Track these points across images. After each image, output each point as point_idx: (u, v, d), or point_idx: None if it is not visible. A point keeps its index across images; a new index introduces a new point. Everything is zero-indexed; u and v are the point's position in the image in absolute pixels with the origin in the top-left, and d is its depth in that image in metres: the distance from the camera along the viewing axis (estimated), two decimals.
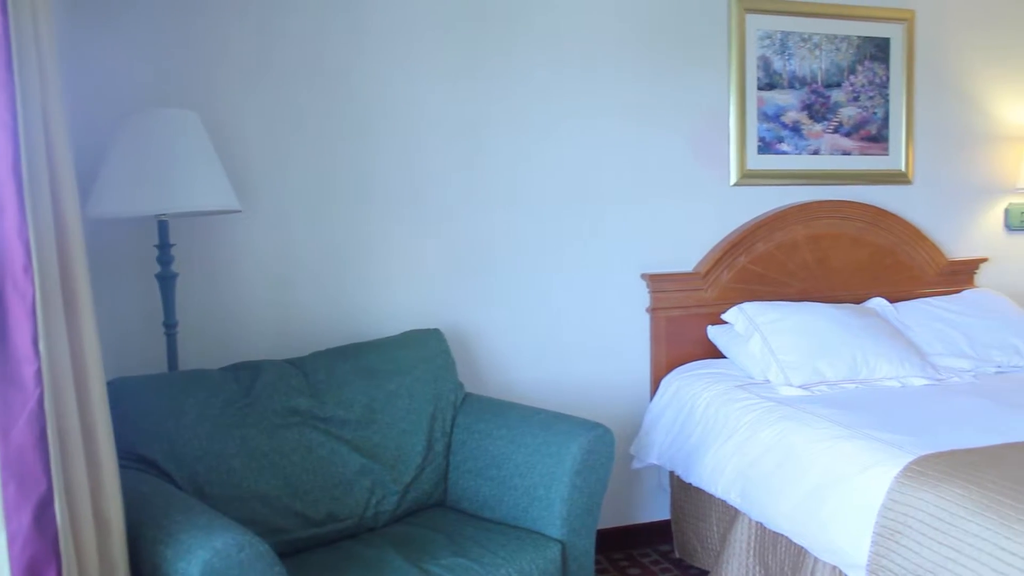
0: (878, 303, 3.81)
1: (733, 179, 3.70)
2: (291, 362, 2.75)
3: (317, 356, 2.81)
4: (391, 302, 3.22)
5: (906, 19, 3.98)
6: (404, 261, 3.24)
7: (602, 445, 2.58)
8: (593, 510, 2.60)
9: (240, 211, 2.77)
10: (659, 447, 3.36)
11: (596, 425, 2.61)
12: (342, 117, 3.12)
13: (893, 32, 3.97)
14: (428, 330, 3.02)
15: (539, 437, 2.64)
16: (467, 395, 2.96)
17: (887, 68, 3.98)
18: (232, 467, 2.42)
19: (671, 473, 3.43)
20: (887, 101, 3.99)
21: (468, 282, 3.33)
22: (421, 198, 3.25)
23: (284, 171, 3.07)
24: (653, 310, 3.57)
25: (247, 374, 2.61)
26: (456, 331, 3.28)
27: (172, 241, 2.70)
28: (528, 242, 3.41)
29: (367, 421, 2.71)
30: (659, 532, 3.65)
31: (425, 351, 2.93)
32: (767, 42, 3.73)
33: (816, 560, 2.63)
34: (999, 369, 3.56)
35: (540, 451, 2.61)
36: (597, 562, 3.40)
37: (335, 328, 3.12)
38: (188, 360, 2.84)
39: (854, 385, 3.26)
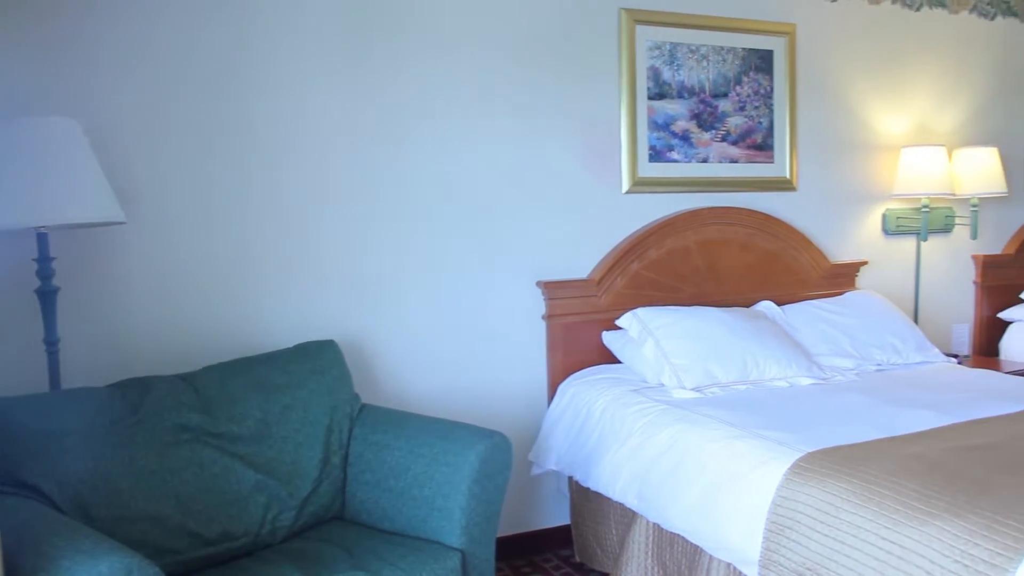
0: (766, 306, 3.93)
1: (625, 187, 3.77)
2: (182, 377, 2.67)
3: (209, 371, 2.74)
4: (285, 314, 3.16)
5: (788, 33, 4.13)
6: (297, 271, 3.19)
7: (499, 453, 2.59)
8: (492, 518, 2.61)
9: (124, 223, 2.68)
10: (557, 453, 3.39)
11: (493, 433, 2.62)
12: (229, 125, 3.06)
13: (776, 45, 4.10)
14: (323, 341, 2.98)
15: (437, 447, 2.63)
16: (364, 406, 2.93)
17: (771, 79, 4.11)
18: (120, 488, 2.34)
19: (570, 478, 3.46)
20: (772, 111, 4.12)
21: (364, 292, 3.30)
22: (313, 206, 3.20)
23: (170, 180, 2.98)
24: (549, 317, 3.60)
25: (135, 391, 2.53)
26: (352, 342, 3.25)
27: (53, 254, 2.60)
28: (424, 250, 3.40)
29: (261, 436, 2.66)
30: (560, 537, 3.67)
31: (320, 363, 2.89)
32: (656, 53, 3.81)
33: (712, 558, 2.69)
34: (879, 367, 3.71)
35: (438, 461, 2.60)
36: (499, 570, 3.41)
37: (227, 341, 3.05)
38: (72, 378, 2.73)
39: (745, 386, 3.35)
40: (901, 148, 4.45)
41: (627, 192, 3.77)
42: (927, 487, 2.19)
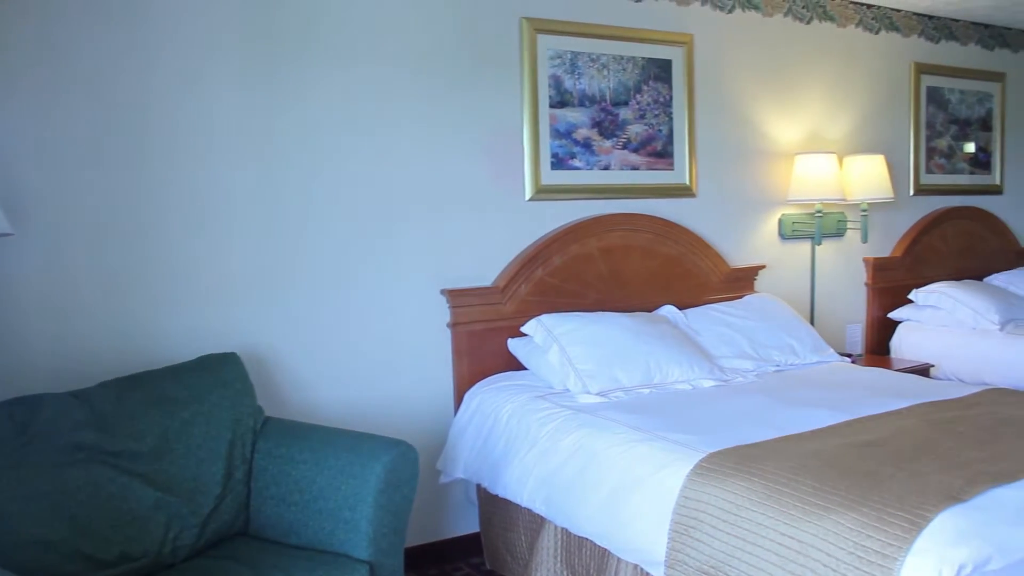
0: (669, 310, 4.00)
1: (528, 194, 3.79)
2: (75, 394, 2.58)
3: (105, 387, 2.65)
4: (185, 326, 3.08)
5: (685, 43, 4.22)
6: (198, 282, 3.11)
7: (406, 463, 2.58)
8: (400, 529, 2.59)
9: (12, 234, 2.57)
10: (465, 461, 3.38)
11: (399, 443, 2.61)
12: (125, 134, 2.96)
13: (674, 54, 4.19)
14: (224, 354, 2.92)
15: (342, 458, 2.60)
16: (268, 419, 2.88)
17: (670, 88, 4.19)
18: (7, 512, 2.24)
19: (478, 486, 3.46)
20: (671, 119, 4.20)
21: (267, 303, 3.24)
22: (212, 217, 3.13)
23: (61, 190, 2.87)
24: (454, 325, 3.59)
25: (23, 410, 2.43)
26: (254, 353, 3.19)
27: None
28: (327, 260, 3.36)
29: (161, 452, 2.58)
30: (469, 545, 3.67)
31: (221, 376, 2.83)
32: (558, 62, 3.85)
33: (619, 560, 2.73)
34: (778, 367, 3.81)
35: (344, 472, 2.58)
36: None
37: (124, 356, 2.96)
38: None
39: (648, 390, 3.40)
40: (795, 155, 4.59)
41: (530, 199, 3.80)
42: (823, 483, 2.26)
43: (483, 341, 3.64)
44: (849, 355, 4.60)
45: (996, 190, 5.79)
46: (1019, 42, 5.81)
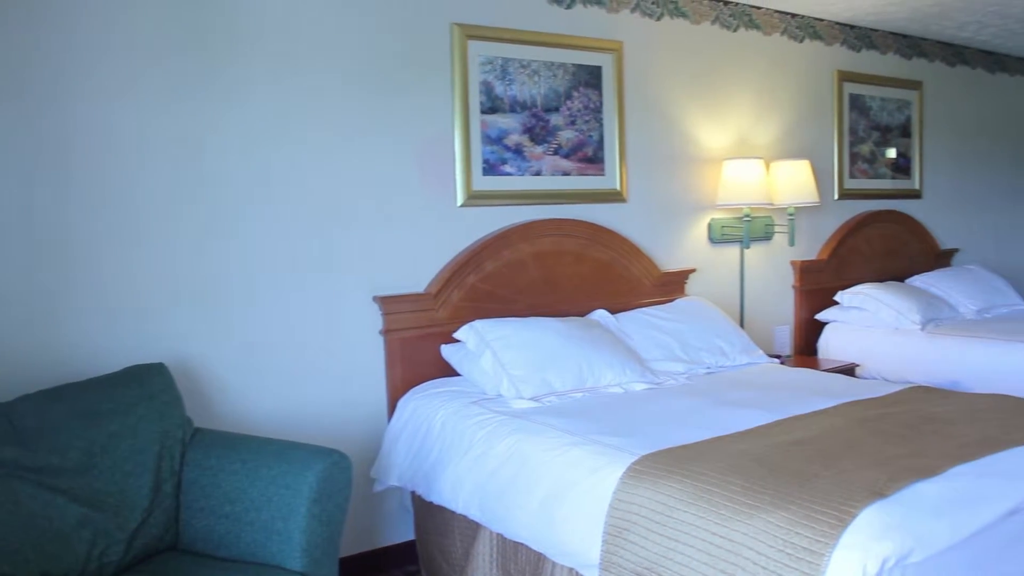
0: (601, 315, 4.03)
1: (460, 200, 3.79)
2: None
3: (25, 400, 2.57)
4: (109, 336, 3.01)
5: (615, 49, 4.26)
6: (124, 292, 3.03)
7: (339, 471, 2.56)
8: (334, 538, 2.57)
9: None
10: (399, 468, 3.36)
11: (332, 451, 2.58)
12: (44, 138, 2.88)
13: (604, 61, 4.23)
14: (151, 364, 2.86)
15: (274, 468, 2.57)
16: (197, 430, 2.82)
17: (600, 94, 4.23)
18: None
19: (413, 493, 3.44)
20: (601, 125, 4.24)
21: (195, 311, 3.18)
22: (140, 226, 3.06)
23: None
24: (387, 332, 3.57)
25: None
26: (183, 364, 3.13)
27: None
28: (258, 267, 3.31)
29: (86, 467, 2.51)
30: (405, 553, 3.65)
31: (149, 387, 2.76)
32: (488, 68, 3.86)
33: (555, 564, 2.73)
34: (709, 370, 3.87)
35: (276, 483, 2.54)
36: None
37: (46, 368, 2.87)
38: None
39: (581, 394, 3.42)
40: (723, 161, 4.66)
41: (462, 205, 3.79)
42: (752, 482, 2.30)
43: (416, 348, 3.63)
44: (778, 356, 4.69)
45: (916, 194, 5.96)
46: (935, 52, 5.99)
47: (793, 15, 5.06)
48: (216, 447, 2.73)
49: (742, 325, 4.74)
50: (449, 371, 3.66)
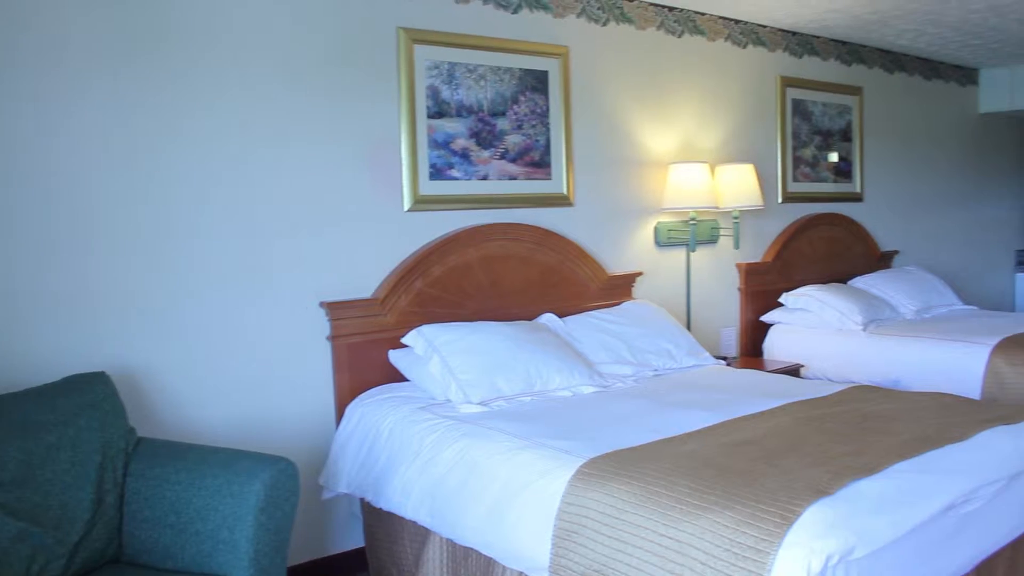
0: (548, 318, 4.04)
1: (407, 205, 3.77)
2: None
3: None
4: (48, 345, 2.94)
5: (561, 54, 4.28)
6: (64, 300, 2.96)
7: (286, 479, 2.53)
8: (282, 547, 2.54)
9: None
10: (348, 475, 3.33)
11: (279, 459, 2.55)
12: None
13: (550, 66, 4.24)
14: (92, 373, 2.80)
15: (220, 477, 2.53)
16: (141, 440, 2.77)
17: (547, 99, 4.24)
18: None
19: (362, 500, 3.42)
20: (548, 129, 4.25)
21: (138, 319, 3.12)
22: (83, 232, 3.00)
23: None
24: (334, 338, 3.54)
25: None
26: (126, 372, 3.06)
27: None
28: (203, 274, 3.26)
29: (24, 480, 2.45)
30: (355, 561, 3.62)
31: (90, 397, 2.70)
32: (435, 72, 3.85)
33: (505, 569, 2.73)
34: (656, 372, 3.89)
35: (221, 492, 2.50)
36: None
37: None
38: None
39: (530, 398, 3.42)
40: (669, 165, 4.70)
41: (409, 210, 3.78)
42: (699, 483, 2.32)
43: (364, 353, 3.60)
44: (724, 358, 4.74)
45: (857, 198, 6.08)
46: (873, 58, 6.12)
47: (737, 21, 5.13)
48: (160, 457, 2.68)
49: (689, 327, 4.79)
50: (397, 377, 3.63)
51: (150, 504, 2.59)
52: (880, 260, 6.20)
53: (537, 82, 4.20)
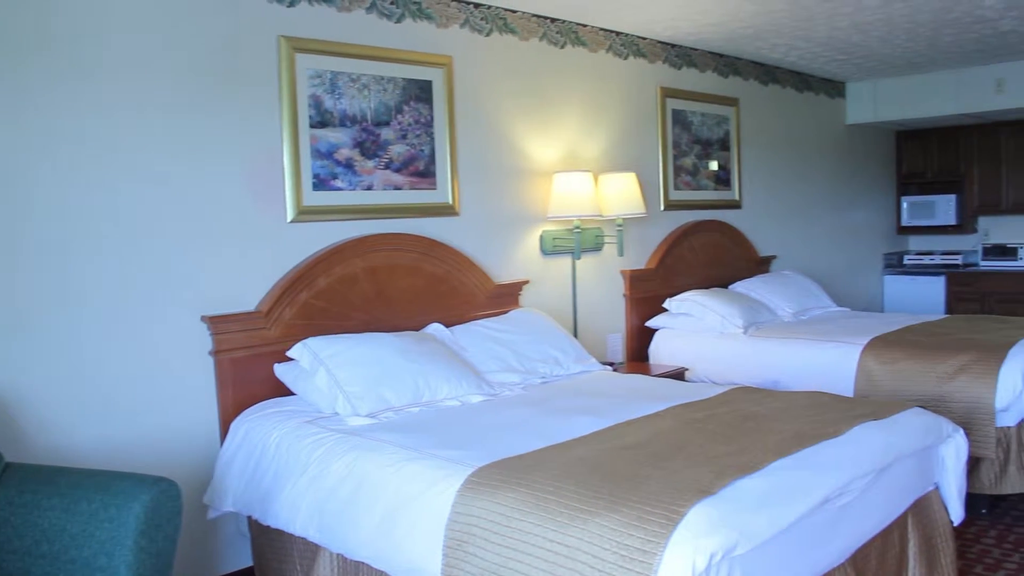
0: (436, 328, 4.03)
1: (290, 216, 3.71)
2: None
3: None
4: None
5: (445, 64, 4.28)
6: None
7: (168, 500, 2.44)
8: (165, 571, 2.45)
9: None
10: (234, 493, 3.25)
11: (159, 479, 2.46)
12: None
13: (434, 75, 4.24)
14: None
15: (96, 501, 2.42)
16: (8, 465, 2.64)
17: (431, 108, 4.24)
18: None
19: (249, 518, 3.34)
20: (433, 139, 4.25)
21: (4, 337, 2.97)
22: None
23: None
24: (217, 352, 3.45)
25: None
26: None
27: None
28: (77, 289, 3.12)
29: None
30: None
31: None
32: (317, 81, 3.80)
33: None
34: (544, 379, 3.93)
35: (98, 516, 2.40)
36: None
37: None
38: None
39: (418, 408, 3.41)
40: (553, 174, 4.76)
41: (292, 221, 3.71)
42: (586, 488, 2.35)
43: (248, 368, 3.52)
44: (611, 363, 4.81)
45: (736, 205, 6.27)
46: (748, 71, 6.34)
47: (618, 33, 5.23)
48: (30, 482, 2.56)
49: (575, 334, 4.84)
50: (284, 391, 3.57)
51: (19, 533, 2.47)
52: (759, 265, 6.42)
53: (421, 92, 4.19)
